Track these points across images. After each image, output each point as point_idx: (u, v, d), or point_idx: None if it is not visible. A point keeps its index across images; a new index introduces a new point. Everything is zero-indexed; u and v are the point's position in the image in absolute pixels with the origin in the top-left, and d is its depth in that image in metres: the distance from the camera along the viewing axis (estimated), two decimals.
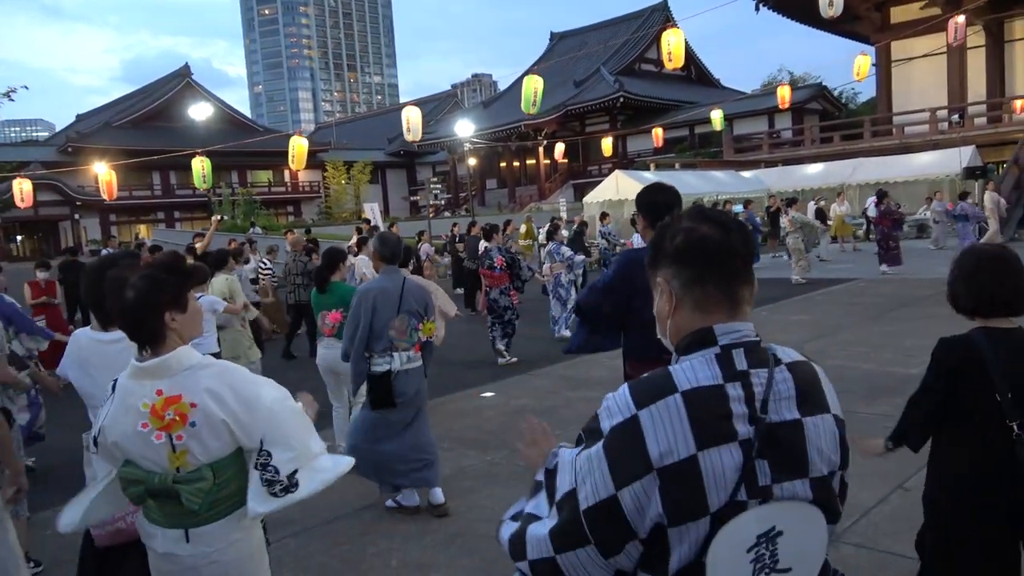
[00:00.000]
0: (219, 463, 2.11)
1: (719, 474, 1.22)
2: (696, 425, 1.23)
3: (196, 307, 2.22)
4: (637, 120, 42.34)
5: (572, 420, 6.46)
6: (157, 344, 2.11)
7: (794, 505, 1.26)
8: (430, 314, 4.70)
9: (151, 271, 2.12)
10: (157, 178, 46.40)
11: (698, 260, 1.35)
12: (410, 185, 55.10)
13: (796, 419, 1.29)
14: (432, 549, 4.15)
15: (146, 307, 2.07)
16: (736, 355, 1.31)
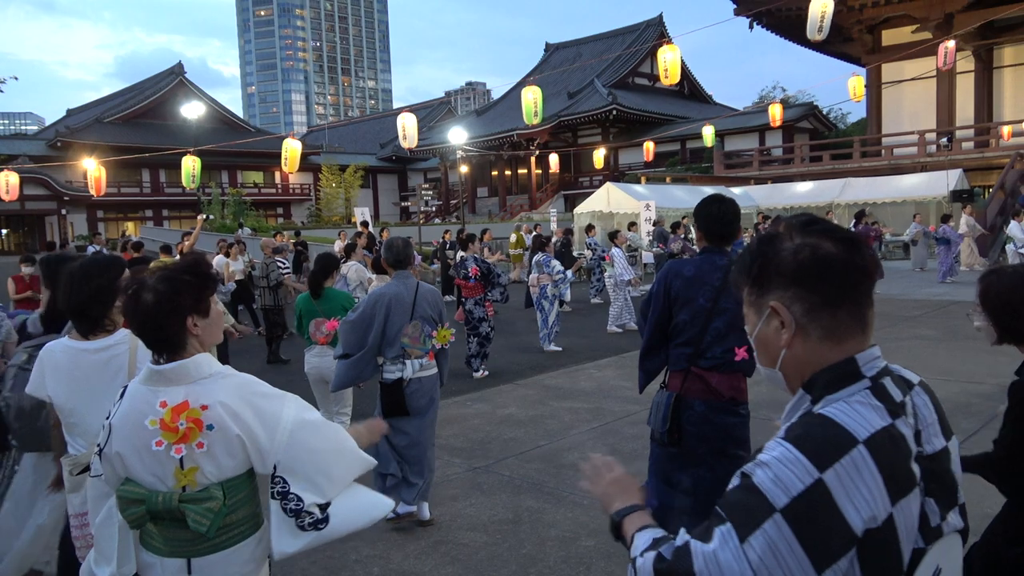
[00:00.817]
0: (230, 483, 1.95)
1: (911, 526, 1.08)
2: (888, 479, 1.05)
3: (218, 312, 2.09)
4: (629, 133, 42.56)
5: (557, 431, 6.47)
6: (176, 350, 1.97)
7: (949, 539, 1.15)
8: (444, 320, 4.61)
9: (172, 273, 1.98)
10: (147, 175, 46.13)
11: (826, 282, 1.16)
12: (401, 191, 55.04)
13: (944, 447, 1.18)
14: (415, 557, 4.14)
15: (168, 311, 1.93)
16: (888, 386, 1.15)
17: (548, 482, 5.22)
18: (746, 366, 3.30)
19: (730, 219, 3.41)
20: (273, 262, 10.67)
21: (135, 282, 1.96)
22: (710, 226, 3.42)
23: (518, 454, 5.89)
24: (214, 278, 2.10)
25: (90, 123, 44.61)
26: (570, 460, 5.66)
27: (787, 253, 1.18)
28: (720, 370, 3.31)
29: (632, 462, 5.51)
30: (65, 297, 2.78)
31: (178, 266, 2.03)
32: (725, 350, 3.29)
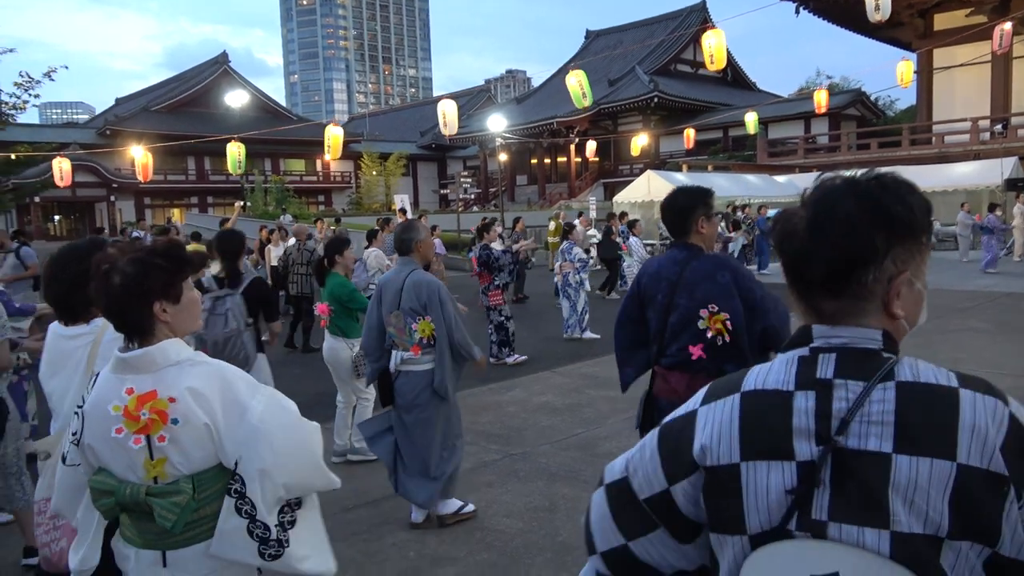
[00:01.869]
0: (201, 476, 1.86)
1: (762, 493, 1.06)
2: (745, 432, 1.09)
3: (192, 298, 1.99)
4: (671, 121, 42.04)
5: (593, 419, 6.43)
6: (145, 336, 1.89)
7: (866, 557, 0.99)
8: (429, 312, 4.20)
9: (141, 255, 1.89)
10: (192, 163, 46.96)
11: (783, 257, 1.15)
12: (440, 178, 55.21)
13: (881, 452, 1.00)
14: (450, 543, 4.14)
15: (133, 294, 1.85)
16: (823, 360, 1.09)
17: (584, 470, 5.18)
18: (705, 365, 3.09)
19: (682, 211, 3.24)
20: (305, 247, 10.70)
21: (106, 263, 1.87)
22: (666, 218, 3.33)
23: (554, 442, 5.87)
24: (188, 263, 1.99)
25: (137, 112, 45.53)
26: (606, 449, 5.61)
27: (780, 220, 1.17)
28: (678, 369, 3.18)
29: None
30: (45, 284, 2.76)
31: (149, 248, 1.94)
32: (680, 347, 3.15)
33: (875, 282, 1.07)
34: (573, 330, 10.36)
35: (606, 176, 45.50)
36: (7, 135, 21.05)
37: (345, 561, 3.93)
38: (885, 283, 1.08)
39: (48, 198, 36.26)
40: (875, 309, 1.09)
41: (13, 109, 19.25)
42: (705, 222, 3.23)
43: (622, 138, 39.82)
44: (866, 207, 1.07)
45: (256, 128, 35.82)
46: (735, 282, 3.10)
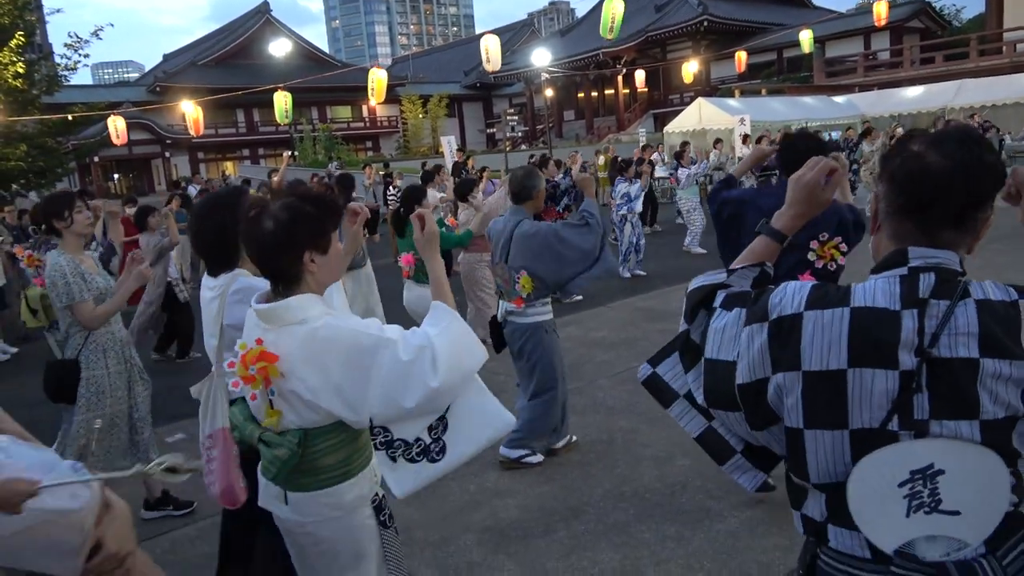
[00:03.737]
0: (316, 431, 1.87)
1: (866, 395, 1.22)
2: (854, 342, 1.23)
3: (338, 249, 1.94)
4: (721, 45, 40.42)
5: (649, 352, 6.34)
6: (291, 286, 1.86)
7: (959, 445, 1.19)
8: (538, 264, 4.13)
9: (294, 202, 1.82)
10: (241, 116, 47.34)
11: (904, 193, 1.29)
12: (486, 118, 54.58)
13: (971, 358, 1.19)
14: (509, 476, 4.20)
15: (284, 243, 1.80)
16: (923, 279, 1.26)
17: (641, 403, 5.17)
18: None
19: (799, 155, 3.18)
20: None
21: (258, 206, 1.83)
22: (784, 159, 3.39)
23: (610, 376, 5.86)
24: (338, 211, 1.97)
25: (185, 67, 45.91)
26: None
27: (895, 154, 1.32)
28: None
29: None
30: (191, 237, 2.69)
31: (301, 194, 1.87)
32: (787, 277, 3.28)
33: (980, 219, 1.29)
34: (622, 269, 10.23)
35: (655, 107, 44.30)
36: (63, 96, 21.49)
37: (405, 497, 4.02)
38: (980, 219, 1.29)
39: (106, 157, 37.13)
40: (969, 239, 1.30)
41: (66, 70, 19.59)
42: None
43: (671, 66, 38.63)
44: (993, 159, 1.26)
45: (301, 76, 35.81)
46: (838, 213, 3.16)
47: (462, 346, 1.89)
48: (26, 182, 19.13)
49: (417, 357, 1.80)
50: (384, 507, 2.06)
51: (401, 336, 1.84)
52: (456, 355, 1.85)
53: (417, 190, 5.98)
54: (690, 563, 3.17)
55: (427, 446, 1.89)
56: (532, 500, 3.90)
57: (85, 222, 3.76)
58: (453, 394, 1.90)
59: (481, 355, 1.94)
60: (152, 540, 3.82)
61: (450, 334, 1.88)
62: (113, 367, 3.78)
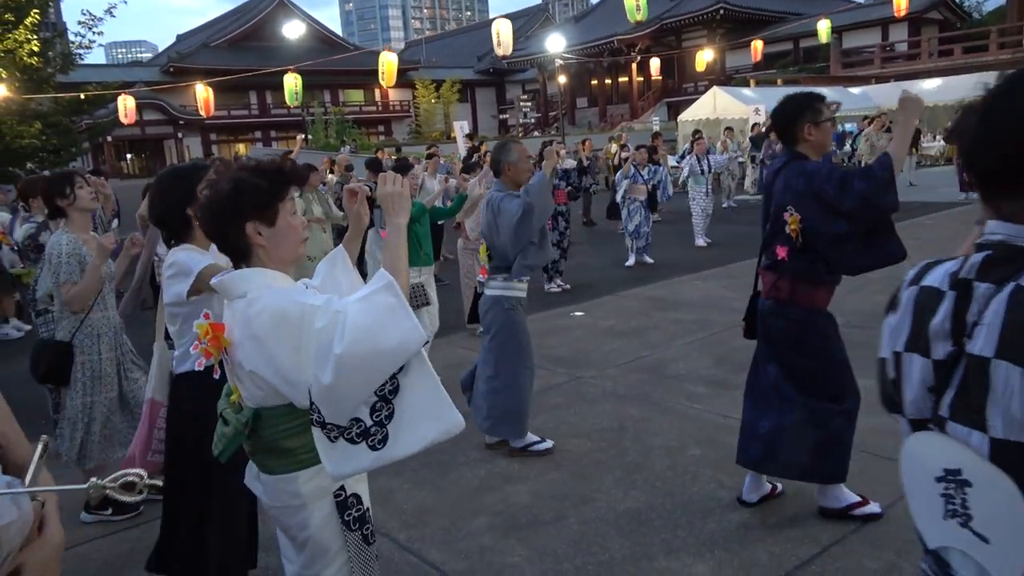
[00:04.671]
0: (269, 411, 1.81)
1: (913, 383, 1.13)
2: (912, 324, 1.14)
3: (291, 224, 1.86)
4: (737, 33, 40.06)
5: (660, 342, 6.37)
6: (242, 260, 1.84)
7: (978, 458, 1.01)
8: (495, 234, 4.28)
9: (241, 173, 1.81)
10: (254, 98, 47.31)
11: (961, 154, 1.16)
12: (499, 104, 54.36)
13: (983, 357, 1.00)
14: (520, 462, 4.20)
15: (226, 212, 1.77)
16: (973, 259, 1.08)
17: (652, 392, 5.16)
18: (790, 266, 3.18)
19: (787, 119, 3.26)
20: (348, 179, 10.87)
21: (211, 182, 1.85)
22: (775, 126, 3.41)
23: (620, 364, 5.84)
24: (288, 183, 1.86)
25: (198, 48, 45.87)
26: (674, 371, 5.57)
27: None
28: (770, 269, 3.31)
29: (741, 373, 5.35)
30: (149, 207, 2.81)
31: (251, 166, 1.84)
32: (771, 250, 3.27)
33: None
34: (629, 258, 10.18)
35: (670, 95, 44.01)
36: (76, 76, 21.49)
37: (418, 480, 4.04)
38: None
39: (120, 137, 37.26)
40: None
41: (80, 48, 19.58)
42: (813, 128, 3.17)
43: (686, 54, 38.27)
44: None
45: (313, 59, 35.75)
46: (808, 186, 3.06)
47: (385, 317, 1.67)
48: (40, 161, 19.18)
49: (330, 323, 1.67)
50: (350, 507, 1.93)
51: (325, 302, 1.72)
52: (372, 326, 1.65)
53: (404, 166, 6.25)
54: (701, 551, 3.17)
55: (367, 428, 1.71)
56: (543, 486, 3.90)
57: (87, 198, 3.71)
58: (370, 370, 1.67)
59: (415, 333, 1.70)
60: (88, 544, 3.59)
61: (370, 304, 1.69)
62: (106, 353, 3.73)
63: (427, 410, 1.75)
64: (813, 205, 3.05)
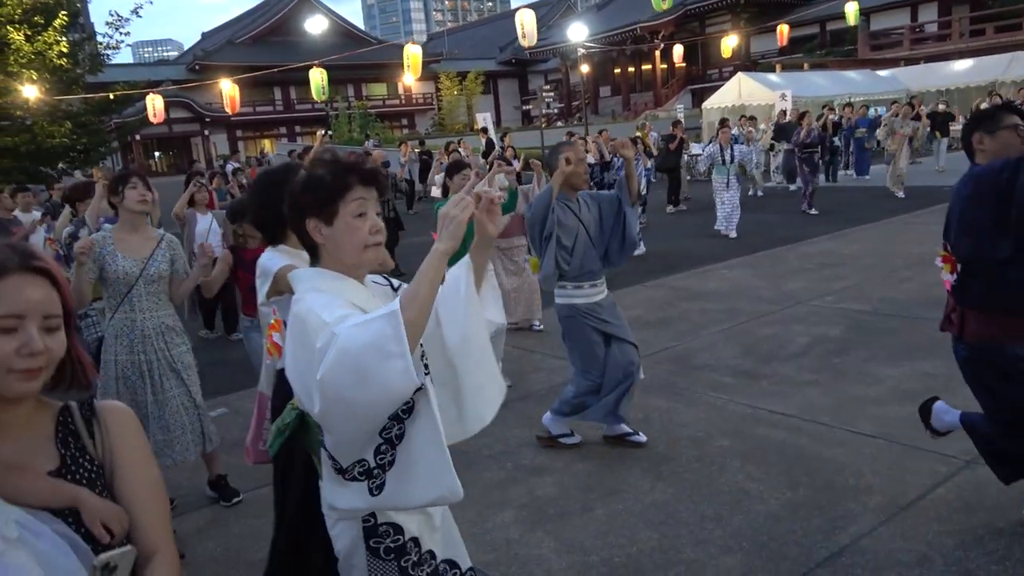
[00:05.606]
0: (308, 417, 1.77)
1: None
2: None
3: (352, 225, 1.72)
4: (762, 18, 39.50)
5: (687, 332, 6.33)
6: (313, 259, 1.80)
7: None
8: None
9: (309, 168, 1.78)
10: (278, 93, 47.70)
11: None
12: (522, 95, 54.22)
13: None
14: (546, 454, 4.21)
15: (293, 208, 1.76)
16: None
17: (679, 383, 5.13)
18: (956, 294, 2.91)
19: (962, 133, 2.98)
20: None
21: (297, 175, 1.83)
22: None
23: (647, 355, 5.80)
24: (350, 181, 1.72)
25: (223, 45, 46.30)
26: (702, 361, 5.53)
27: None
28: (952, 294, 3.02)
29: (768, 363, 5.32)
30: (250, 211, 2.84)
31: (326, 160, 1.77)
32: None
33: None
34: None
35: (694, 82, 43.56)
36: (104, 76, 21.81)
37: None
38: None
39: (147, 136, 37.75)
40: None
41: (107, 49, 19.86)
42: (986, 137, 2.91)
43: (710, 40, 37.84)
44: None
45: (337, 54, 35.90)
46: (978, 188, 2.75)
47: (373, 348, 1.47)
48: (70, 160, 19.51)
49: (324, 344, 1.51)
50: (382, 536, 1.77)
51: (335, 320, 1.55)
52: (358, 354, 1.47)
53: (458, 164, 5.88)
54: (728, 543, 3.15)
55: (370, 468, 1.60)
56: (569, 478, 3.90)
57: (136, 199, 3.63)
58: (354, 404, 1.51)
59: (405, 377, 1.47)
60: None
61: (364, 331, 1.49)
62: (124, 356, 3.61)
63: (427, 470, 1.60)
64: (982, 210, 2.72)
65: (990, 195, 2.67)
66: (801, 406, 4.53)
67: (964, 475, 3.48)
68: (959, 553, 2.92)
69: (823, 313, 6.46)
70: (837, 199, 13.57)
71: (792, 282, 7.72)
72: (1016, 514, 3.12)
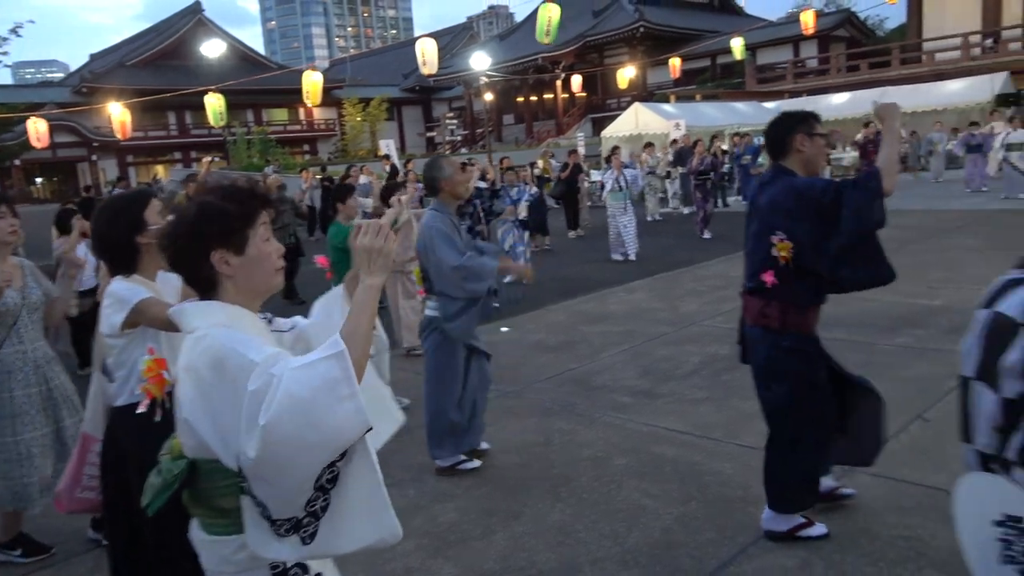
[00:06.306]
0: (206, 465, 1.59)
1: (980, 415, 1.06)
2: (983, 350, 1.09)
3: (264, 251, 1.68)
4: (658, 51, 41.09)
5: (588, 354, 6.46)
6: (209, 292, 1.66)
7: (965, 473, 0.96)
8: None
9: (205, 196, 1.67)
10: (173, 118, 46.09)
11: None
12: (426, 121, 54.35)
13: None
14: (448, 481, 4.19)
15: (189, 241, 1.62)
16: None
17: (579, 404, 5.23)
18: (777, 292, 3.06)
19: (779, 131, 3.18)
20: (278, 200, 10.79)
21: (177, 207, 1.79)
22: (767, 139, 3.28)
23: (548, 378, 5.90)
24: (260, 207, 1.69)
25: (113, 67, 44.45)
26: (601, 382, 5.65)
27: None
28: (755, 294, 3.19)
29: (665, 382, 5.49)
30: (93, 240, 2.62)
31: (220, 188, 1.68)
32: (754, 272, 3.17)
33: None
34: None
35: (594, 111, 44.79)
36: None
37: None
38: None
39: (29, 160, 35.64)
40: None
41: None
42: (807, 140, 3.09)
43: (609, 71, 39.08)
44: None
45: (235, 78, 35.07)
46: (800, 202, 2.94)
47: (323, 392, 1.43)
48: None
49: (262, 387, 1.44)
50: None
51: (265, 360, 1.49)
52: (307, 399, 1.42)
53: (342, 188, 5.89)
54: (625, 559, 3.23)
55: (299, 521, 1.50)
56: (471, 503, 3.91)
57: (6, 230, 3.41)
58: (300, 452, 1.43)
59: (356, 420, 1.45)
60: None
61: (311, 373, 1.44)
62: (20, 391, 3.41)
63: (365, 511, 1.55)
64: (807, 224, 2.92)
65: (813, 215, 2.91)
66: (695, 423, 4.70)
67: (842, 483, 3.69)
68: (837, 556, 3.09)
69: (715, 333, 6.73)
70: (730, 223, 14.16)
71: (687, 304, 8.01)
72: (889, 518, 3.33)
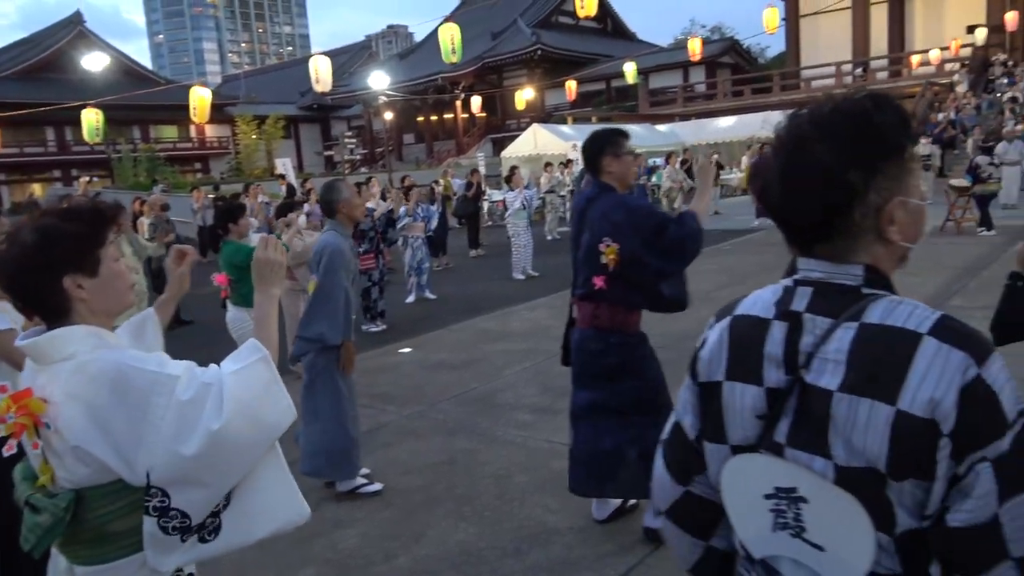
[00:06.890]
0: (95, 492, 1.53)
1: (738, 410, 1.15)
2: (732, 352, 1.17)
3: (116, 270, 1.63)
4: (555, 73, 42.00)
5: (490, 373, 6.50)
6: (60, 319, 1.57)
7: (819, 479, 1.05)
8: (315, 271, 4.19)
9: (50, 219, 1.57)
10: (52, 133, 43.54)
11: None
12: (324, 140, 53.44)
13: (826, 390, 1.04)
14: (350, 505, 4.13)
15: (35, 269, 1.53)
16: (799, 293, 1.12)
17: (482, 423, 5.25)
18: (607, 295, 3.31)
19: (591, 151, 3.44)
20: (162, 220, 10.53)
21: (12, 231, 1.61)
22: (583, 158, 3.59)
23: (451, 398, 5.90)
24: (107, 226, 1.63)
25: None
26: (504, 400, 5.70)
27: None
28: (586, 299, 3.43)
29: (564, 398, 5.57)
30: None
31: (61, 210, 1.60)
32: (586, 279, 3.39)
33: (863, 217, 1.07)
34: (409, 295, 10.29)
35: (494, 131, 45.25)
36: None
37: None
38: (874, 215, 1.07)
39: None
40: (868, 242, 1.09)
41: None
42: (613, 161, 3.37)
43: (508, 92, 39.64)
44: (834, 148, 1.05)
45: (120, 93, 33.55)
46: (630, 220, 3.24)
47: (263, 393, 1.59)
48: None
49: (199, 395, 1.51)
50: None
51: (187, 371, 1.55)
52: (251, 401, 1.55)
53: (235, 208, 5.82)
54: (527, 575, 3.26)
55: (203, 522, 1.56)
56: (373, 527, 3.85)
57: None
58: (244, 451, 1.55)
59: (289, 413, 1.64)
60: None
61: (250, 375, 1.59)
62: None
63: (273, 497, 1.64)
64: (635, 238, 3.21)
65: (645, 233, 3.22)
66: None
67: None
68: None
69: None
70: None
71: None
72: None
